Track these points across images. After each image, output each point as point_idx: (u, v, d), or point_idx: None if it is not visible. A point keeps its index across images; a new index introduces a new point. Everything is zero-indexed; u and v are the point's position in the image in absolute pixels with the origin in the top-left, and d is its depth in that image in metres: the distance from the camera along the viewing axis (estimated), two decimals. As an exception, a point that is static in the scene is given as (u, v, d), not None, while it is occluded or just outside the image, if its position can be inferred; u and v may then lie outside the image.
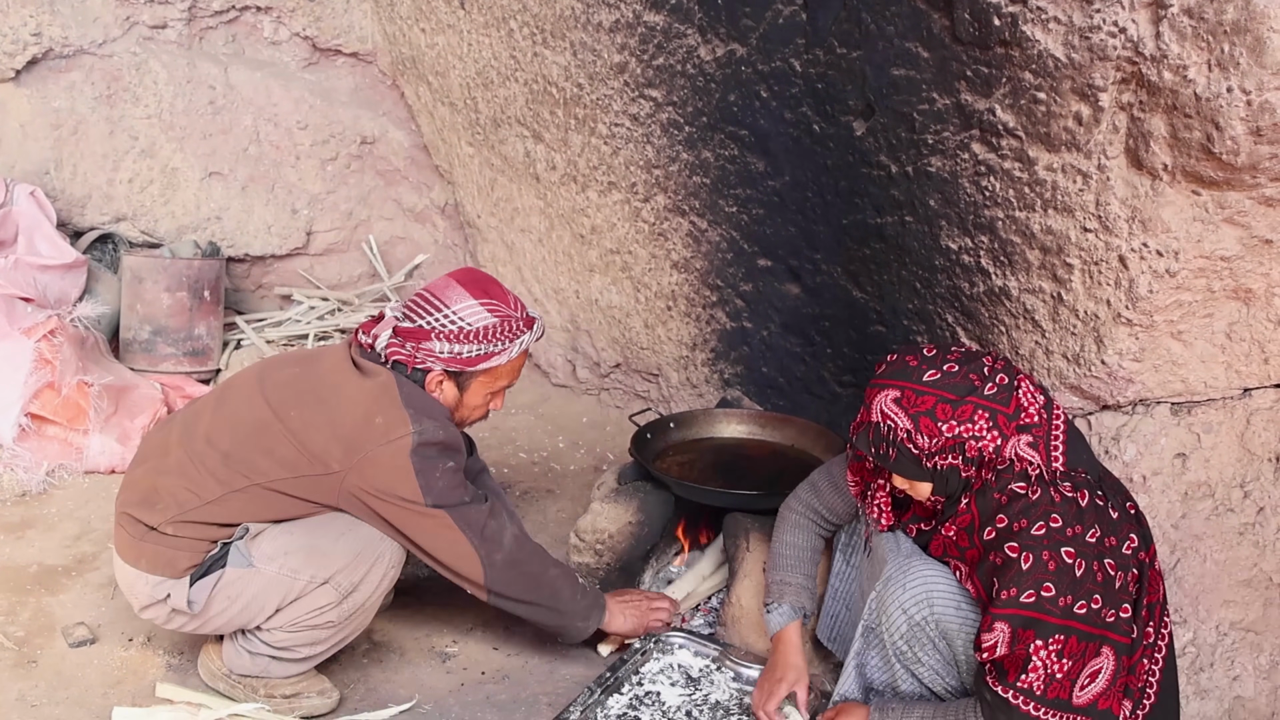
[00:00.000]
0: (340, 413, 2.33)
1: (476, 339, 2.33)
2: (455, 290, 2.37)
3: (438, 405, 2.39)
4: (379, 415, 2.30)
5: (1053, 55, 2.30)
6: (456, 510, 2.34)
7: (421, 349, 2.34)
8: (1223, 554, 2.54)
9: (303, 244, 4.75)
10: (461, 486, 2.37)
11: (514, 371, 2.46)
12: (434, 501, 2.31)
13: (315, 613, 2.39)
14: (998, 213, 2.60)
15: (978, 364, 2.07)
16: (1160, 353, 2.54)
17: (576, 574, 2.63)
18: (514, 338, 2.38)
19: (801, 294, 3.36)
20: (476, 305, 2.35)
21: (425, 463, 2.30)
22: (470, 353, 2.34)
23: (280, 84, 4.59)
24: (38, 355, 3.59)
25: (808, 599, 2.52)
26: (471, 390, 2.43)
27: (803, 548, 2.57)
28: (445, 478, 2.33)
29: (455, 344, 2.33)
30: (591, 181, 3.80)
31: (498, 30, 3.81)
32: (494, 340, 2.35)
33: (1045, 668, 1.95)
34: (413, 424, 2.29)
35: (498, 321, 2.35)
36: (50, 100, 4.23)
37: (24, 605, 2.90)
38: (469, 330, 2.32)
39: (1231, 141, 2.11)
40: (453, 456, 2.36)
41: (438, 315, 2.35)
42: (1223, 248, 2.33)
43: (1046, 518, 1.99)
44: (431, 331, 2.34)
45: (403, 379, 2.36)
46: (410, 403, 2.32)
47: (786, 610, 2.50)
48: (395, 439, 2.28)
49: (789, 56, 2.95)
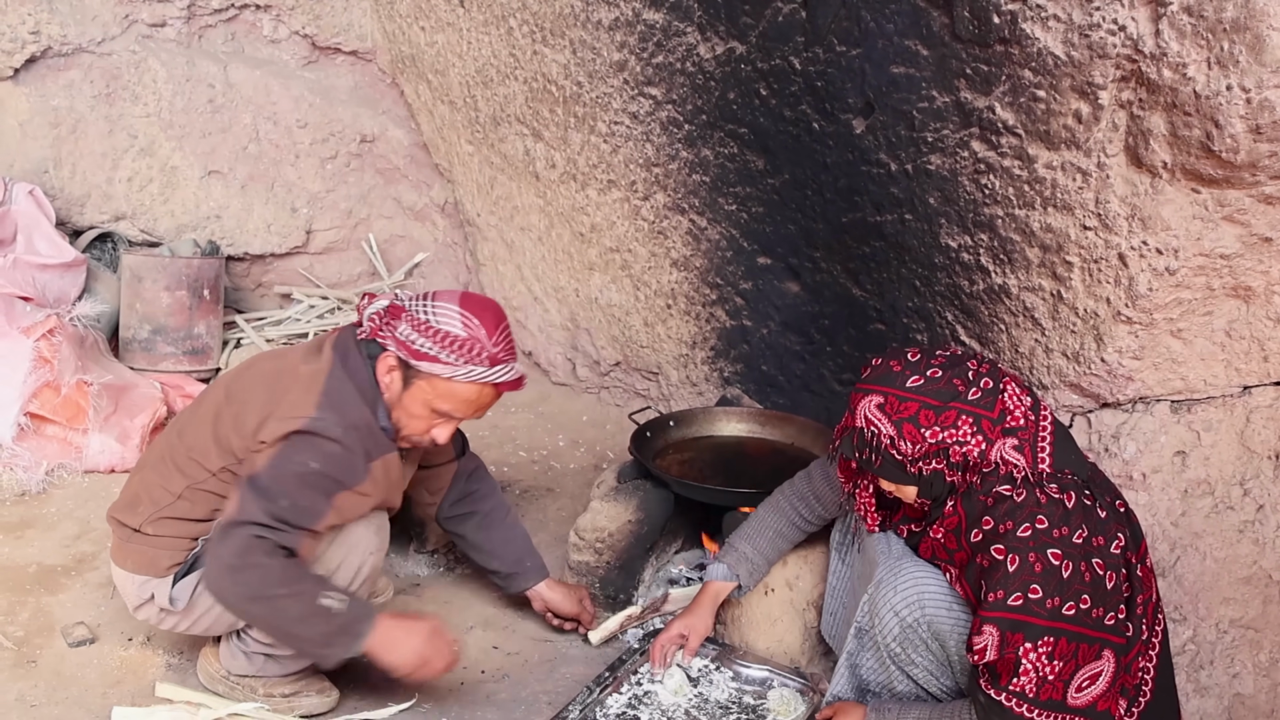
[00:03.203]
0: (273, 395, 2.34)
1: (434, 338, 2.27)
2: (453, 295, 2.35)
3: (359, 404, 2.32)
4: (295, 396, 2.31)
5: (1052, 53, 2.30)
6: (265, 499, 2.20)
7: (389, 324, 2.32)
8: (1222, 552, 2.54)
9: (302, 242, 4.75)
10: (300, 491, 2.24)
11: (461, 402, 2.33)
12: (259, 483, 2.22)
13: None
14: (997, 210, 2.60)
15: (962, 368, 2.07)
16: (1160, 350, 2.54)
17: (331, 604, 2.23)
18: (468, 360, 2.27)
19: (801, 292, 3.35)
20: (456, 312, 2.30)
21: (292, 449, 2.25)
22: (422, 347, 2.27)
23: (280, 82, 4.58)
24: (37, 354, 3.58)
25: (745, 570, 2.62)
26: (412, 392, 2.33)
27: (767, 525, 2.63)
28: (294, 476, 2.23)
29: (415, 332, 2.28)
30: (591, 180, 3.80)
31: (497, 28, 3.81)
32: (449, 349, 2.27)
33: (1036, 670, 1.95)
34: (315, 411, 2.26)
35: (464, 337, 2.28)
36: (49, 99, 4.22)
37: (23, 605, 2.89)
38: (433, 327, 2.28)
39: (1231, 139, 2.11)
40: (327, 458, 2.26)
41: (420, 303, 2.33)
42: (1222, 245, 2.33)
43: (1032, 519, 1.99)
44: (405, 312, 2.32)
45: (346, 366, 2.34)
46: (331, 391, 2.30)
47: (722, 569, 2.63)
48: (289, 417, 2.27)
49: (788, 54, 2.95)
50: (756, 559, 2.62)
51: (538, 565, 2.86)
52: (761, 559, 2.62)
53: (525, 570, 2.84)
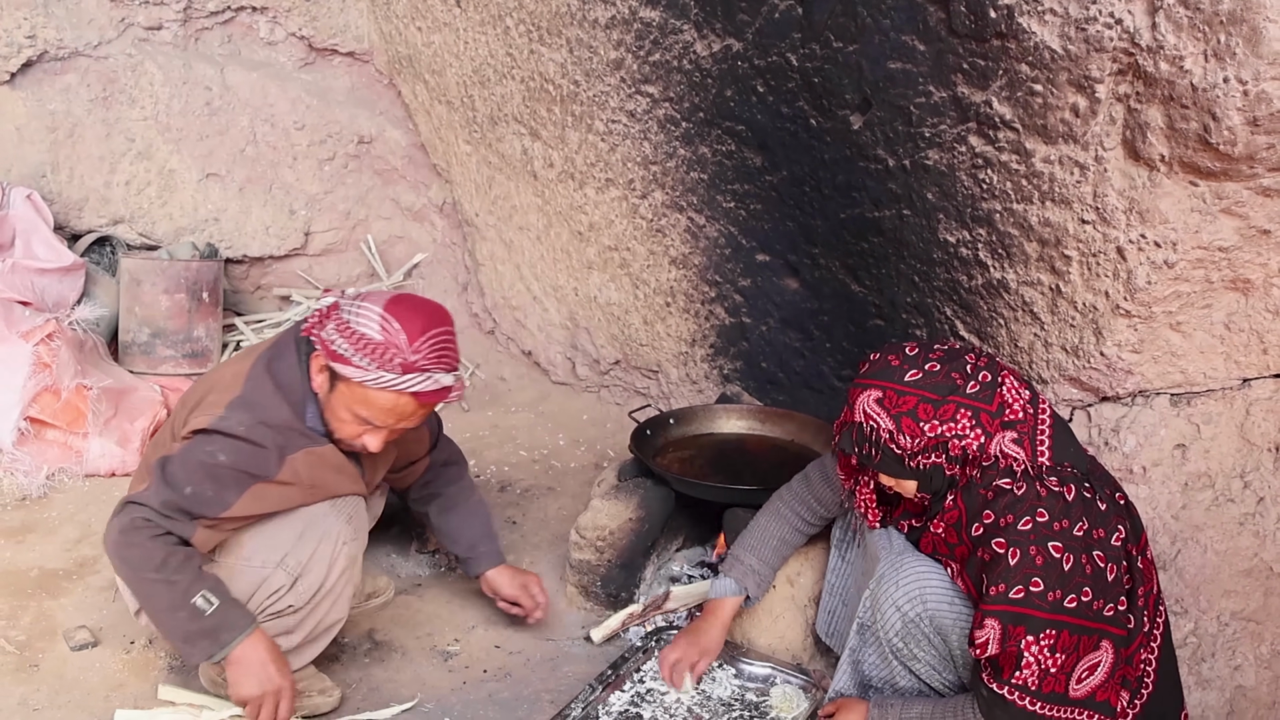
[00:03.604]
0: (200, 395, 2.39)
1: (351, 340, 2.22)
2: (383, 297, 2.28)
3: (277, 403, 2.31)
4: (214, 395, 2.34)
5: (1049, 47, 2.30)
6: (166, 487, 2.24)
7: (322, 322, 2.29)
8: (1223, 544, 2.54)
9: (301, 244, 4.75)
10: (204, 481, 2.25)
11: (378, 409, 2.26)
12: (168, 469, 2.26)
13: (273, 598, 2.39)
14: (995, 205, 2.60)
15: (960, 362, 2.07)
16: (1159, 344, 2.54)
17: (201, 604, 2.22)
18: (380, 366, 2.19)
19: (800, 289, 3.35)
20: (377, 315, 2.23)
21: (201, 442, 2.27)
22: (339, 348, 2.23)
23: (277, 84, 4.58)
24: (36, 359, 3.58)
25: (753, 582, 2.58)
26: (337, 394, 2.29)
27: (771, 534, 2.60)
28: (201, 465, 2.25)
29: (335, 332, 2.24)
30: (589, 178, 3.80)
31: (494, 28, 3.81)
32: (362, 353, 2.21)
33: (1039, 663, 1.95)
34: (223, 410, 2.28)
35: (380, 341, 2.20)
36: (46, 103, 4.22)
37: (25, 609, 2.90)
38: (351, 329, 2.23)
39: (1228, 132, 2.11)
40: (234, 451, 2.26)
41: (351, 303, 2.28)
42: (1221, 238, 2.33)
43: (1033, 513, 1.99)
44: (334, 311, 2.29)
45: (272, 365, 2.35)
46: (247, 391, 2.31)
47: (729, 584, 2.58)
48: (202, 415, 2.30)
49: (785, 51, 2.95)
50: (762, 569, 2.59)
51: (493, 551, 2.84)
52: (767, 568, 2.60)
53: (478, 555, 2.83)
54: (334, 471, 2.42)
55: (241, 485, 2.29)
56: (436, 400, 2.28)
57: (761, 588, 2.61)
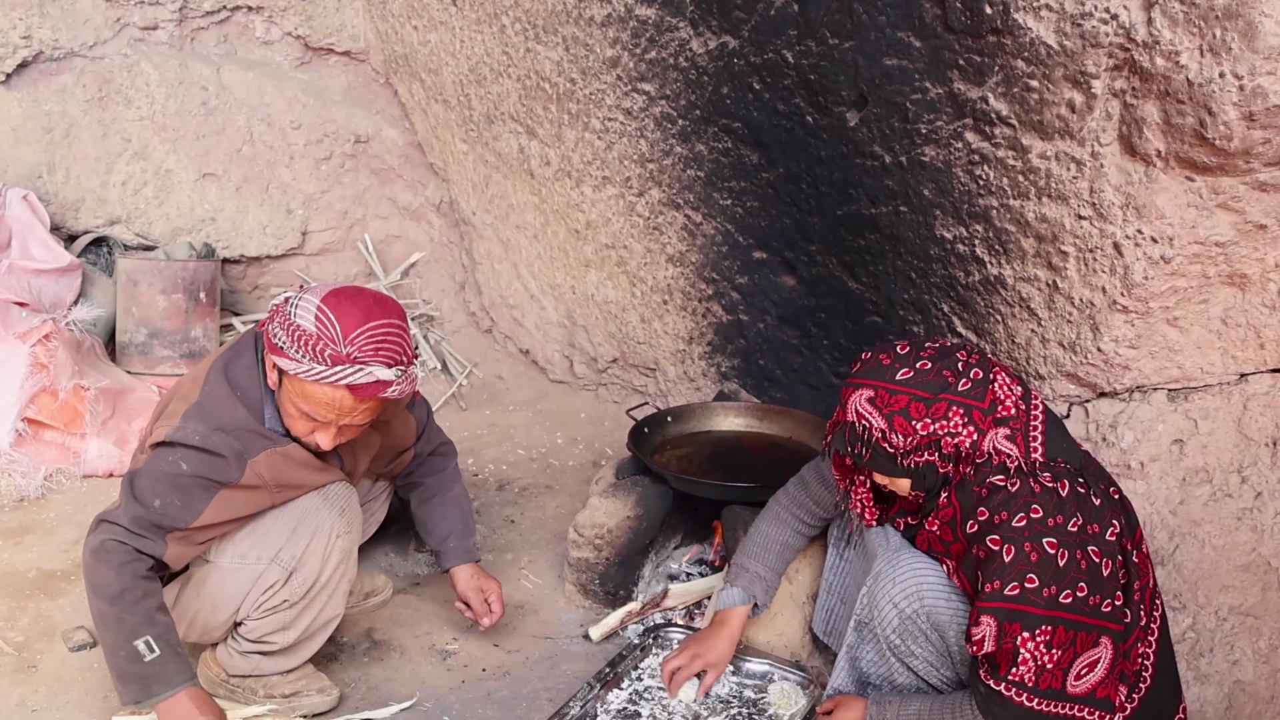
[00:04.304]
0: (164, 403, 2.39)
1: (288, 332, 2.20)
2: (325, 290, 2.25)
3: (233, 406, 2.30)
4: (173, 405, 2.34)
5: (1045, 43, 2.30)
6: (135, 502, 2.24)
7: (273, 316, 2.26)
8: (1221, 539, 2.54)
9: (298, 244, 4.74)
10: (172, 491, 2.25)
11: (315, 403, 2.22)
12: (135, 484, 2.27)
13: (268, 593, 2.39)
14: (992, 201, 2.60)
15: (951, 360, 2.07)
16: (1156, 339, 2.54)
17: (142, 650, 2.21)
18: (311, 357, 2.16)
19: (797, 286, 3.35)
20: (314, 307, 2.19)
21: (162, 454, 2.27)
22: (277, 340, 2.21)
23: (273, 84, 4.57)
24: (33, 360, 3.58)
25: (760, 589, 2.56)
26: (283, 389, 2.27)
27: (773, 540, 2.59)
28: (166, 477, 2.25)
29: (277, 325, 2.22)
30: (586, 177, 3.80)
31: (490, 26, 3.81)
32: (295, 344, 2.18)
33: (1035, 659, 1.95)
34: (179, 421, 2.28)
35: (312, 333, 2.16)
36: (41, 103, 4.21)
37: (23, 610, 2.89)
38: (290, 321, 2.20)
39: (1224, 127, 2.11)
40: (195, 461, 2.26)
41: (297, 296, 2.26)
42: (1217, 233, 2.33)
43: (1027, 509, 1.99)
44: (283, 305, 2.26)
45: (229, 367, 2.34)
46: (204, 398, 2.30)
47: (737, 593, 2.55)
48: (160, 428, 2.30)
49: (781, 48, 2.94)
50: (769, 576, 2.58)
51: (461, 548, 2.79)
52: (773, 574, 2.59)
53: (447, 550, 2.79)
54: (301, 468, 2.39)
55: (209, 492, 2.28)
56: (373, 394, 2.20)
57: (769, 594, 2.59)
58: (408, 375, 2.25)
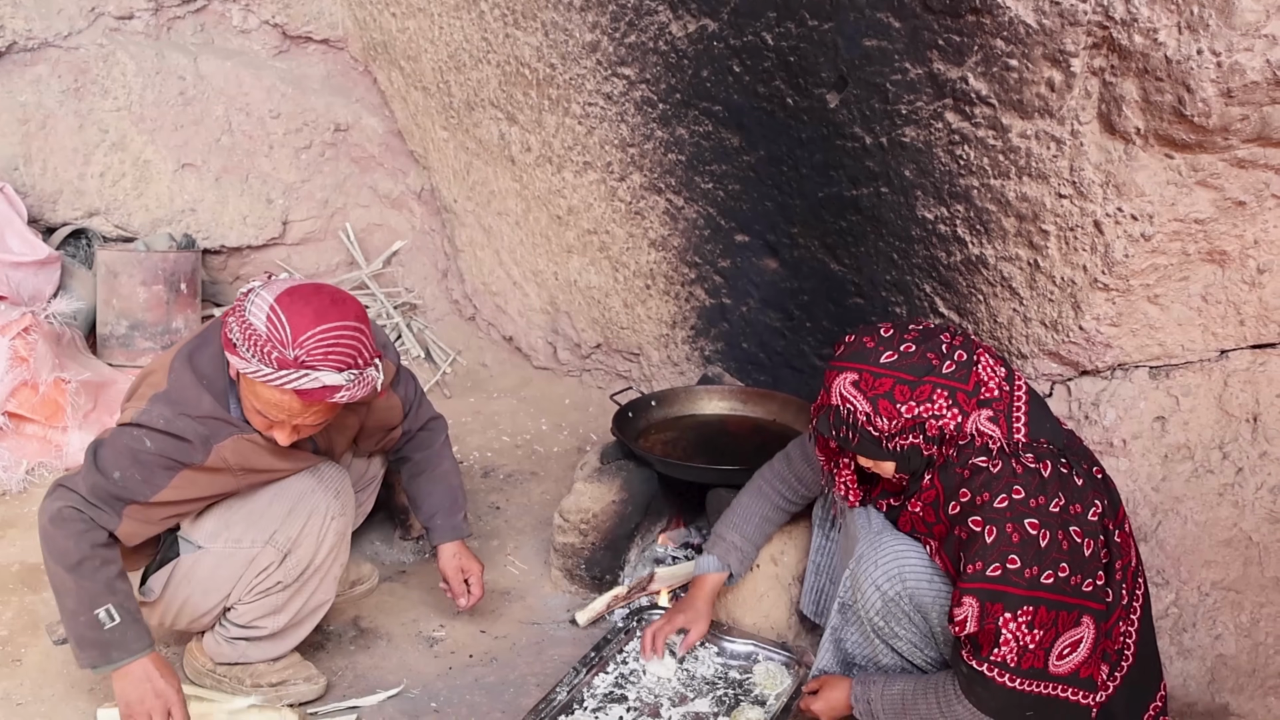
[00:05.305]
0: (134, 387, 2.38)
1: (241, 330, 2.17)
2: (282, 287, 2.21)
3: (198, 393, 2.27)
4: (142, 389, 2.33)
5: (1023, 22, 2.29)
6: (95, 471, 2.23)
7: (235, 308, 2.23)
8: (1203, 515, 2.56)
9: (279, 234, 4.72)
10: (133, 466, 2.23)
11: (265, 402, 2.19)
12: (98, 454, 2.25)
13: (262, 575, 2.39)
14: (973, 181, 2.60)
15: (935, 342, 2.07)
16: (1137, 317, 2.55)
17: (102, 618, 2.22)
18: (259, 358, 2.12)
19: (779, 268, 3.35)
20: (267, 306, 2.15)
21: (125, 432, 2.25)
22: (233, 336, 2.18)
23: (251, 73, 4.54)
24: (13, 353, 3.55)
25: (735, 558, 2.62)
26: (241, 383, 2.24)
27: (753, 512, 2.63)
28: (129, 451, 2.23)
29: (235, 322, 2.19)
30: (567, 162, 3.79)
31: (468, 12, 3.78)
32: (247, 343, 2.15)
33: (1017, 640, 1.96)
34: (146, 404, 2.26)
35: (264, 334, 2.12)
36: (16, 95, 4.18)
37: (7, 604, 2.88)
38: (244, 318, 2.17)
39: (1203, 104, 2.11)
40: (159, 440, 2.24)
41: (259, 289, 2.22)
42: (1197, 210, 2.34)
43: (1009, 490, 1.99)
44: (243, 299, 2.23)
45: (194, 355, 2.32)
46: (171, 383, 2.28)
47: (713, 561, 2.62)
48: (128, 410, 2.30)
49: (760, 30, 2.94)
50: (745, 546, 2.62)
51: (451, 525, 2.78)
52: (750, 546, 2.63)
53: (434, 527, 2.78)
54: (269, 454, 2.35)
55: (170, 470, 2.26)
56: (319, 399, 2.15)
57: (744, 564, 2.63)
58: (362, 379, 2.19)
